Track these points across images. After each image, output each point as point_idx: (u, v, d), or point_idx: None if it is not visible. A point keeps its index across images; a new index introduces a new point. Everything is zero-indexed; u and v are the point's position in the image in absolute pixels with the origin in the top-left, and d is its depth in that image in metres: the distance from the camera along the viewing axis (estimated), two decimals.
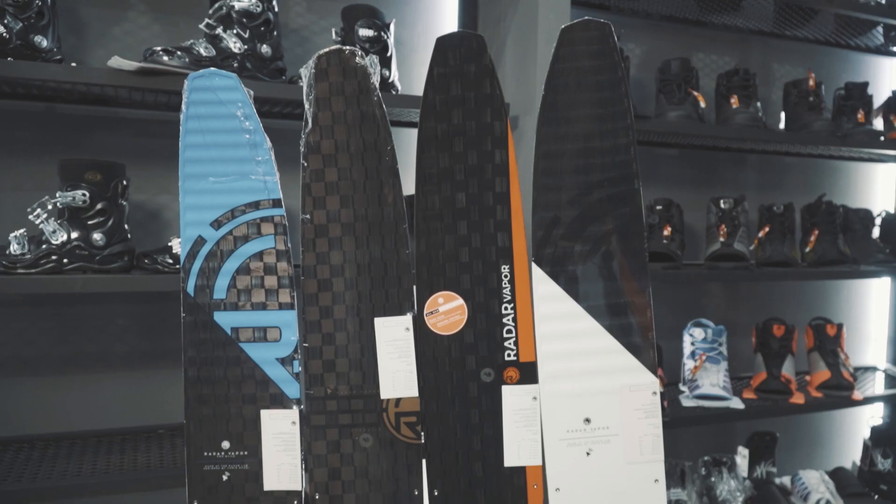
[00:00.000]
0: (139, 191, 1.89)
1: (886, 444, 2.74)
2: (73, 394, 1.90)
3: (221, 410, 1.21)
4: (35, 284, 1.49)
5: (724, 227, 2.35)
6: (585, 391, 1.21)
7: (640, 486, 1.21)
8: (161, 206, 1.95)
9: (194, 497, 1.22)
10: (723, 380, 2.32)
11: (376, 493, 1.23)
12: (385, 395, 1.22)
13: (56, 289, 1.50)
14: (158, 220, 1.94)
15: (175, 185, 1.93)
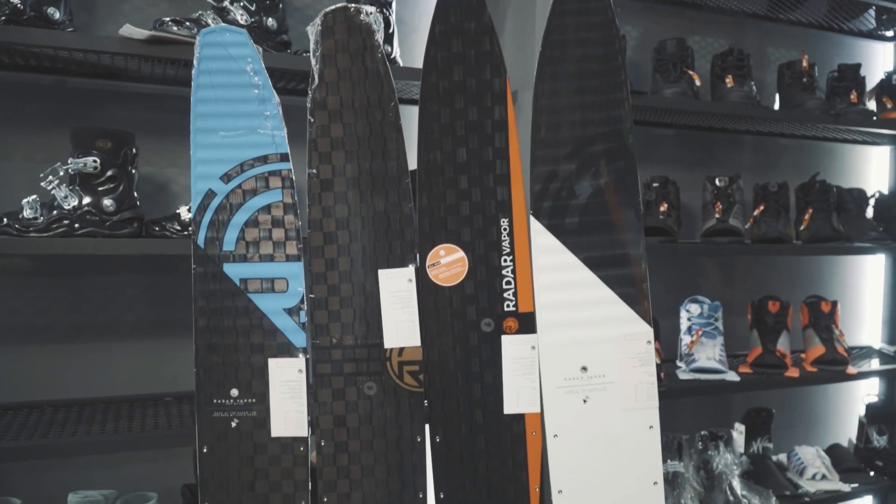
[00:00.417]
0: (147, 164, 1.93)
1: (882, 422, 2.78)
2: (82, 361, 1.95)
3: (230, 359, 1.25)
4: (48, 245, 1.53)
5: (719, 205, 2.40)
6: (582, 340, 1.25)
7: (636, 433, 1.26)
8: (169, 179, 1.99)
9: (204, 443, 1.26)
10: (719, 353, 2.36)
11: (380, 440, 1.27)
12: (388, 345, 1.26)
13: (68, 250, 1.54)
14: (166, 192, 1.98)
15: (183, 159, 1.99)
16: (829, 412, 3.01)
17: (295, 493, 1.27)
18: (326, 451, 1.27)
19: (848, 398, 3.02)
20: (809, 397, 2.98)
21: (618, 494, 1.25)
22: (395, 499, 1.27)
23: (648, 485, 1.26)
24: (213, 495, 1.26)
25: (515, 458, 1.26)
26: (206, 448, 1.26)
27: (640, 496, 1.25)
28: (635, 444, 1.25)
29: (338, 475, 1.27)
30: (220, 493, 1.26)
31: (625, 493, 1.25)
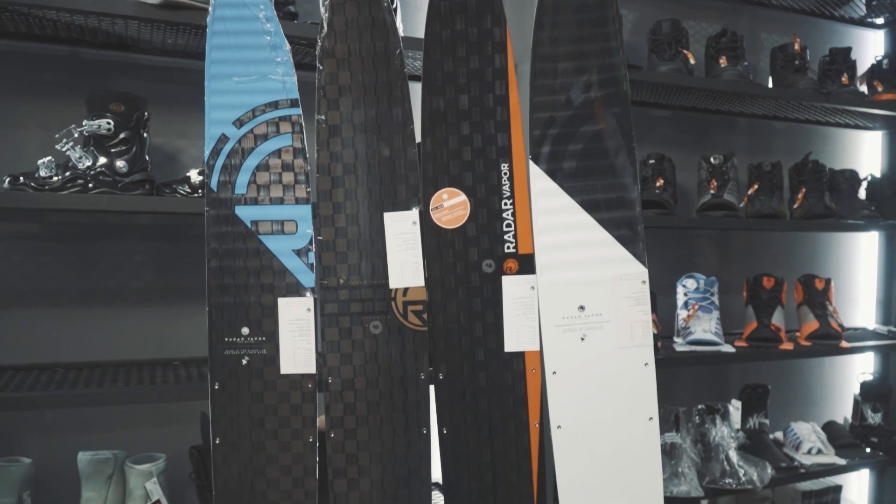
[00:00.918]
0: (158, 134, 1.99)
1: (876, 399, 2.82)
2: (91, 326, 1.99)
3: (241, 299, 1.30)
4: (62, 201, 1.58)
5: (714, 182, 2.45)
6: (580, 280, 1.30)
7: (631, 369, 1.30)
8: (178, 150, 2.04)
9: (216, 380, 1.31)
10: (715, 326, 2.41)
11: (385, 377, 1.31)
12: (393, 285, 1.31)
13: (81, 206, 1.59)
14: (176, 162, 2.03)
15: (193, 130, 2.04)
16: (824, 391, 3.05)
17: (303, 428, 1.31)
18: (333, 388, 1.31)
19: (843, 377, 3.06)
20: (805, 376, 3.02)
21: (614, 429, 1.30)
22: (399, 435, 1.31)
23: (644, 420, 1.30)
24: (224, 431, 1.31)
25: (516, 395, 1.31)
26: (217, 385, 1.30)
27: (635, 431, 1.30)
28: (631, 380, 1.30)
29: (344, 412, 1.31)
30: (230, 429, 1.31)
31: (621, 428, 1.30)
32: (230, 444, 1.30)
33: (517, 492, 1.30)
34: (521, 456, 1.30)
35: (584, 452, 1.30)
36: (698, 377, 2.80)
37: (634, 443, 1.29)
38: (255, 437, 1.31)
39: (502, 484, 1.30)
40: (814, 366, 3.02)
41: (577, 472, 1.30)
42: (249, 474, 1.31)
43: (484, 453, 1.30)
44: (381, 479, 1.31)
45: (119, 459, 1.86)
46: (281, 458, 1.31)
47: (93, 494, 1.81)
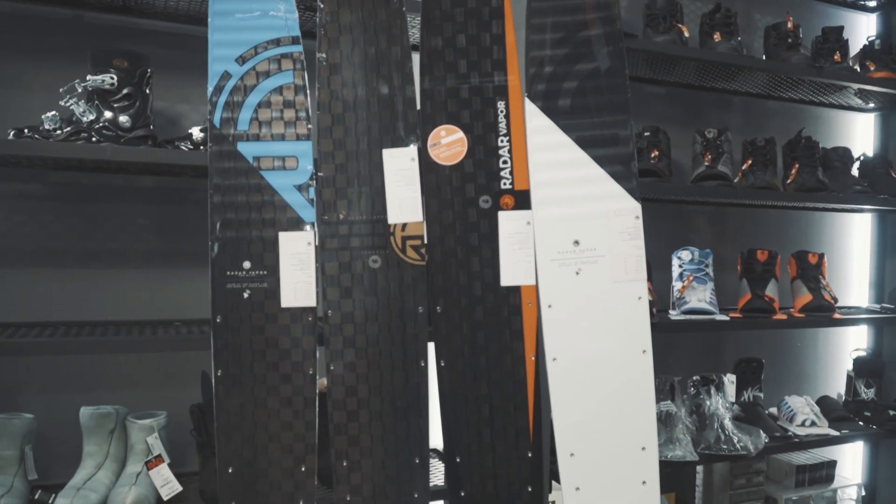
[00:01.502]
0: (160, 98, 2.02)
1: (869, 375, 2.84)
2: (94, 286, 2.01)
3: (243, 233, 1.33)
4: (66, 149, 1.61)
5: (708, 155, 2.49)
6: (574, 216, 1.33)
7: (625, 303, 1.33)
8: (180, 114, 2.07)
9: (217, 313, 1.33)
10: (709, 296, 2.44)
11: (384, 310, 1.34)
12: (392, 221, 1.34)
13: (85, 155, 1.61)
14: (178, 126, 2.06)
15: (194, 95, 2.07)
16: (817, 367, 3.08)
17: (303, 361, 1.34)
18: (333, 322, 1.34)
19: (836, 353, 3.09)
20: (798, 352, 3.04)
21: (609, 362, 1.32)
22: (398, 367, 1.34)
23: (638, 353, 1.33)
24: (227, 363, 1.33)
25: (512, 328, 1.33)
26: (219, 318, 1.33)
27: (629, 363, 1.32)
28: (625, 314, 1.33)
29: (344, 344, 1.34)
30: (232, 361, 1.33)
31: (615, 360, 1.32)
32: (231, 376, 1.33)
33: (514, 423, 1.33)
34: (518, 388, 1.33)
35: (579, 384, 1.33)
36: (693, 351, 2.83)
37: (628, 375, 1.32)
38: (256, 369, 1.33)
39: (499, 416, 1.32)
40: (808, 341, 3.04)
41: (573, 403, 1.32)
42: (250, 406, 1.33)
43: (481, 386, 1.33)
44: (380, 410, 1.33)
45: (121, 415, 1.88)
46: (282, 389, 1.33)
47: (94, 448, 1.83)
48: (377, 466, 1.32)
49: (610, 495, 1.31)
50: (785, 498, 2.72)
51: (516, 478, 1.32)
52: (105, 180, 2.02)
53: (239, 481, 1.32)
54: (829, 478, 2.84)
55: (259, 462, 1.33)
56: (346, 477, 1.33)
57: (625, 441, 1.31)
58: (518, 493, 1.32)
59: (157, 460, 1.80)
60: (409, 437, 1.32)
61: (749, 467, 2.73)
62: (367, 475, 1.33)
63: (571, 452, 1.32)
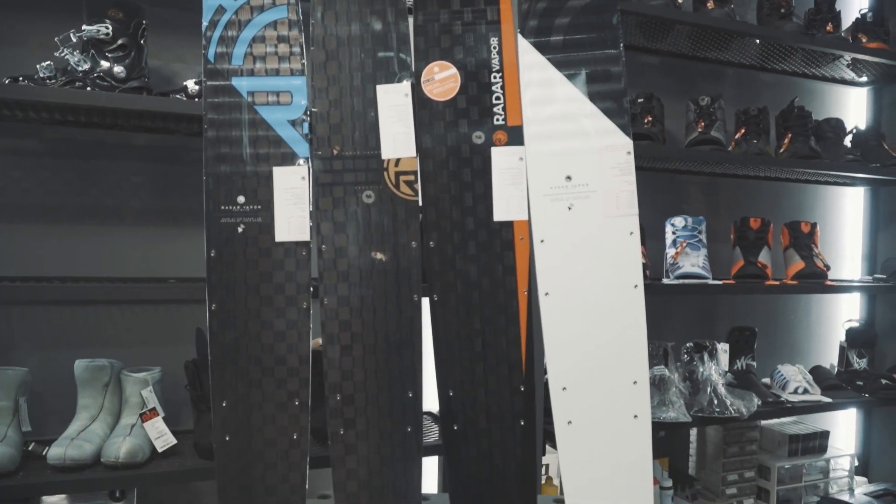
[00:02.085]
0: (154, 57, 2.03)
1: (861, 346, 2.86)
2: (89, 242, 2.02)
3: (237, 168, 1.34)
4: (62, 95, 1.62)
5: (702, 122, 2.50)
6: (567, 151, 1.34)
7: (617, 238, 1.34)
8: (175, 73, 2.08)
9: (212, 247, 1.34)
10: (702, 262, 2.45)
11: (377, 245, 1.35)
12: (386, 156, 1.35)
13: (81, 101, 1.62)
14: (172, 85, 2.07)
15: (189, 54, 2.08)
16: (810, 337, 3.10)
17: (297, 295, 1.34)
18: (327, 257, 1.34)
19: (829, 324, 3.11)
20: (791, 323, 3.06)
21: (601, 296, 1.33)
22: (391, 302, 1.34)
23: (629, 287, 1.34)
24: (221, 297, 1.34)
25: (505, 263, 1.34)
26: (213, 252, 1.34)
27: (621, 298, 1.33)
28: (617, 249, 1.34)
29: (338, 279, 1.34)
30: (227, 295, 1.34)
31: (607, 294, 1.33)
32: (226, 310, 1.33)
33: (506, 358, 1.33)
34: (510, 322, 1.34)
35: (571, 318, 1.34)
36: (687, 319, 2.84)
37: (620, 309, 1.33)
38: (250, 303, 1.34)
39: (491, 350, 1.33)
40: (800, 313, 3.06)
41: (565, 337, 1.33)
42: (244, 340, 1.34)
43: (474, 320, 1.34)
44: (373, 345, 1.34)
45: (115, 368, 1.88)
46: (276, 323, 1.34)
47: (89, 401, 1.84)
48: (371, 400, 1.33)
49: (602, 429, 1.32)
50: (778, 466, 2.74)
51: (509, 411, 1.33)
52: (100, 137, 2.03)
53: (233, 415, 1.33)
54: (822, 448, 2.86)
55: (253, 396, 1.34)
56: (339, 411, 1.33)
57: (616, 375, 1.33)
58: (510, 427, 1.33)
59: (152, 413, 1.81)
60: (403, 371, 1.33)
61: (742, 436, 2.75)
62: (360, 409, 1.33)
63: (563, 386, 1.33)
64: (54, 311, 1.99)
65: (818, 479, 2.86)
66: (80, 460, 1.68)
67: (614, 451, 1.33)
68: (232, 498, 1.33)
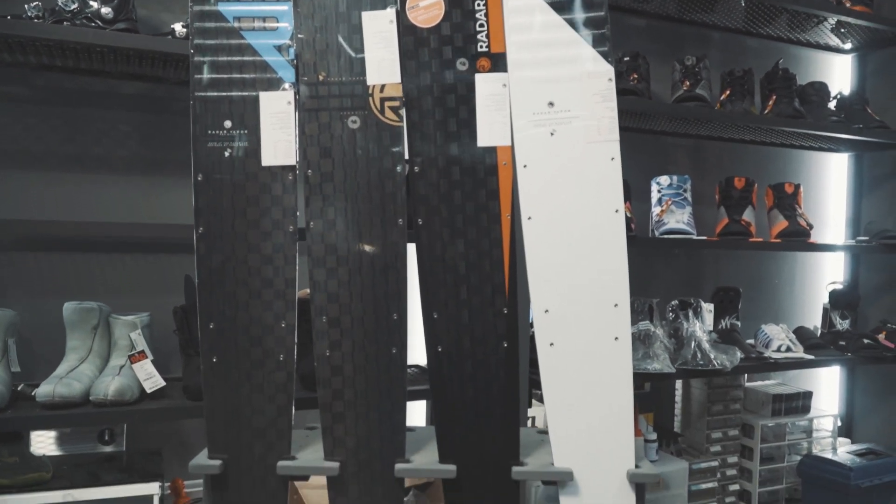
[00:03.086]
0: (142, 6, 2.03)
1: (844, 307, 2.89)
2: (77, 191, 2.03)
3: (224, 93, 1.35)
4: (52, 31, 1.62)
5: (687, 81, 2.53)
6: (549, 78, 1.37)
7: (598, 163, 1.36)
8: (163, 23, 2.09)
9: (199, 171, 1.36)
10: (687, 218, 2.48)
11: (363, 170, 1.37)
12: (371, 82, 1.37)
13: (69, 37, 1.63)
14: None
15: (177, 5, 2.09)
16: (793, 300, 3.13)
17: (283, 219, 1.36)
18: (313, 182, 1.36)
19: (812, 287, 3.15)
20: (776, 287, 3.10)
21: (582, 220, 1.36)
22: (376, 226, 1.36)
23: (610, 212, 1.36)
24: (208, 221, 1.35)
25: (488, 188, 1.36)
26: (200, 176, 1.35)
27: (602, 222, 1.36)
28: (598, 174, 1.36)
29: (323, 203, 1.36)
30: (214, 219, 1.35)
31: (588, 218, 1.36)
32: (213, 234, 1.35)
33: (490, 281, 1.36)
34: (494, 246, 1.36)
35: (553, 242, 1.36)
36: (672, 280, 2.87)
37: (601, 233, 1.35)
38: (237, 227, 1.35)
39: (475, 273, 1.35)
40: (784, 275, 3.10)
41: (547, 261, 1.36)
42: (231, 263, 1.35)
43: (457, 244, 1.36)
44: (359, 268, 1.36)
45: (104, 312, 1.89)
46: (262, 247, 1.36)
47: (78, 343, 1.85)
48: (356, 323, 1.35)
49: (583, 351, 1.35)
50: (761, 424, 2.77)
51: (492, 333, 1.35)
52: (88, 85, 2.04)
53: (220, 337, 1.35)
54: (806, 408, 2.89)
55: (240, 318, 1.35)
56: (325, 333, 1.35)
57: (598, 298, 1.35)
58: (494, 349, 1.35)
59: (141, 355, 1.82)
60: (388, 293, 1.35)
61: (726, 394, 2.78)
62: (346, 331, 1.35)
63: (546, 309, 1.35)
64: (42, 257, 2.00)
65: (801, 438, 2.90)
66: (69, 398, 1.69)
67: (595, 371, 1.35)
68: (220, 420, 1.35)
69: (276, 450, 1.35)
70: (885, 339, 2.75)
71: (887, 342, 2.74)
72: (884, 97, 3.01)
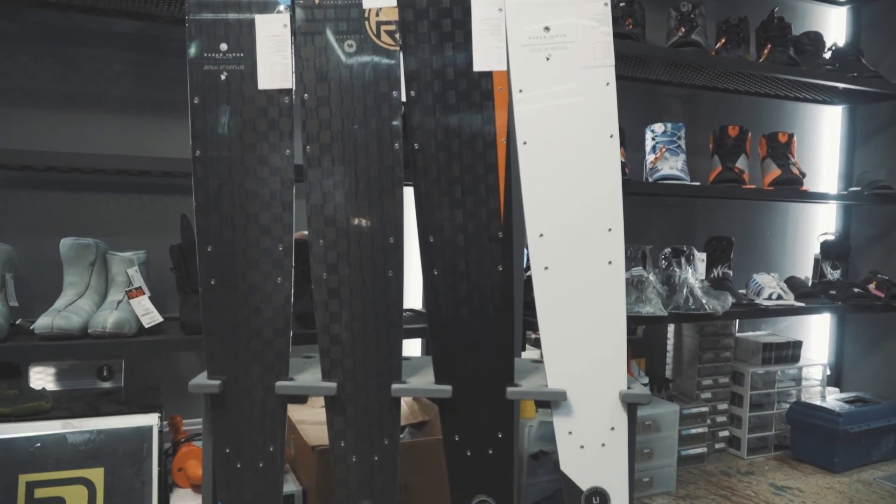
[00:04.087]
0: None
1: (836, 258, 2.92)
2: (70, 130, 2.03)
3: (220, 16, 1.35)
4: None
5: (682, 28, 2.52)
6: (545, 2, 1.37)
7: (593, 88, 1.37)
8: None
9: (195, 94, 1.36)
10: (681, 165, 2.49)
11: (359, 94, 1.37)
12: (367, 5, 1.37)
13: None
14: None
15: None
16: (785, 251, 3.16)
17: (280, 142, 1.37)
18: (309, 106, 1.37)
19: (804, 238, 3.17)
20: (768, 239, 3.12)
21: (577, 145, 1.37)
22: (372, 150, 1.37)
23: (605, 137, 1.37)
24: (205, 144, 1.36)
25: (484, 113, 1.37)
26: (197, 99, 1.35)
27: (596, 147, 1.37)
28: (593, 98, 1.37)
29: (319, 127, 1.37)
30: (210, 141, 1.36)
31: (583, 144, 1.37)
32: (210, 157, 1.36)
33: (485, 205, 1.37)
34: (489, 171, 1.37)
35: (547, 167, 1.37)
36: (665, 229, 2.89)
37: (596, 158, 1.36)
38: (234, 150, 1.36)
39: (471, 197, 1.37)
40: (777, 224, 3.12)
41: (542, 186, 1.37)
42: (228, 186, 1.36)
43: (453, 168, 1.37)
44: (355, 192, 1.37)
45: (101, 248, 1.90)
46: (259, 170, 1.36)
47: (75, 279, 1.86)
48: (353, 246, 1.36)
49: (577, 274, 1.36)
50: (751, 372, 2.81)
51: (487, 257, 1.37)
52: (81, 23, 2.03)
53: (218, 260, 1.36)
54: (795, 357, 2.93)
55: (237, 241, 1.36)
56: (322, 256, 1.36)
57: (592, 222, 1.36)
58: (489, 272, 1.37)
59: (138, 291, 1.83)
60: (384, 217, 1.36)
61: (717, 342, 2.81)
62: (342, 254, 1.37)
63: (541, 233, 1.37)
64: (38, 196, 2.00)
65: (790, 386, 2.94)
66: (67, 330, 1.71)
67: (589, 294, 1.37)
68: (219, 342, 1.36)
69: (274, 371, 1.37)
70: (876, 288, 2.78)
71: (877, 292, 2.77)
72: (878, 49, 3.02)
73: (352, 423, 1.38)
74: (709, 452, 2.82)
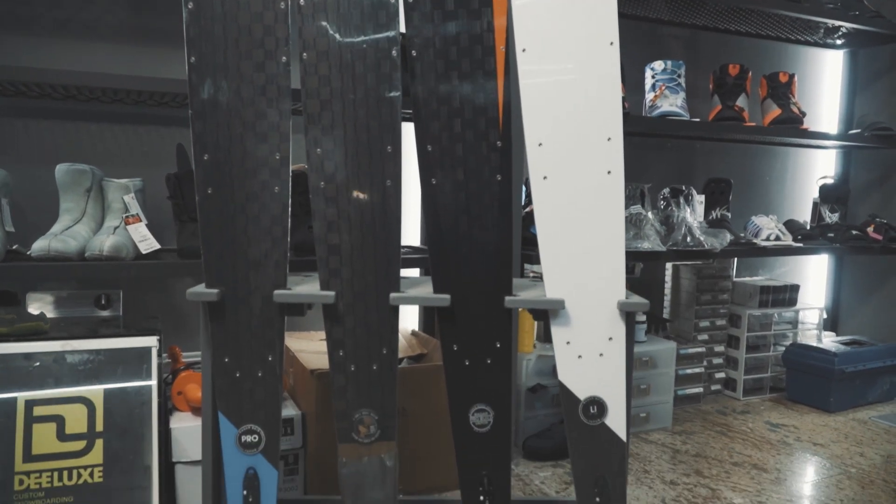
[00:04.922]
0: None
1: (834, 201, 2.92)
2: (64, 58, 2.00)
3: None
4: None
5: None
6: None
7: None
8: None
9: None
10: (681, 103, 2.47)
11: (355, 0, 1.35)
12: None
13: None
14: None
15: None
16: (784, 195, 3.16)
17: (276, 49, 1.35)
18: (306, 13, 1.35)
19: (803, 182, 3.17)
20: (767, 183, 3.11)
21: (577, 51, 1.35)
22: (370, 58, 1.35)
23: (605, 44, 1.36)
24: (200, 51, 1.34)
25: (482, 20, 1.35)
26: (191, 4, 1.33)
27: (596, 53, 1.35)
28: (592, 5, 1.35)
29: (317, 33, 1.35)
30: (205, 48, 1.34)
31: (583, 51, 1.35)
32: (205, 63, 1.34)
33: (483, 113, 1.36)
34: (488, 78, 1.35)
35: (547, 73, 1.35)
36: (664, 171, 2.88)
37: (595, 66, 1.35)
38: (230, 56, 1.34)
39: (469, 105, 1.35)
40: (776, 168, 3.11)
41: (540, 94, 1.35)
42: (224, 94, 1.34)
43: (451, 76, 1.35)
44: (353, 101, 1.35)
45: (97, 175, 1.89)
46: (255, 77, 1.35)
47: (71, 205, 1.85)
48: (350, 153, 1.35)
49: (576, 183, 1.36)
50: (748, 314, 2.82)
51: (486, 165, 1.36)
52: None
53: (214, 169, 1.35)
54: (792, 301, 2.94)
55: (234, 150, 1.35)
56: (319, 165, 1.35)
57: (591, 132, 1.35)
58: (487, 181, 1.36)
59: (135, 218, 1.83)
60: (382, 125, 1.35)
61: (715, 285, 2.82)
62: (339, 164, 1.36)
63: (539, 142, 1.36)
64: (33, 124, 1.99)
65: (787, 329, 2.96)
66: (64, 252, 1.70)
67: (588, 204, 1.36)
68: (216, 251, 1.36)
69: (272, 280, 1.37)
70: (874, 231, 2.79)
71: (875, 234, 2.78)
72: None
73: (350, 333, 1.38)
74: (705, 393, 2.84)
